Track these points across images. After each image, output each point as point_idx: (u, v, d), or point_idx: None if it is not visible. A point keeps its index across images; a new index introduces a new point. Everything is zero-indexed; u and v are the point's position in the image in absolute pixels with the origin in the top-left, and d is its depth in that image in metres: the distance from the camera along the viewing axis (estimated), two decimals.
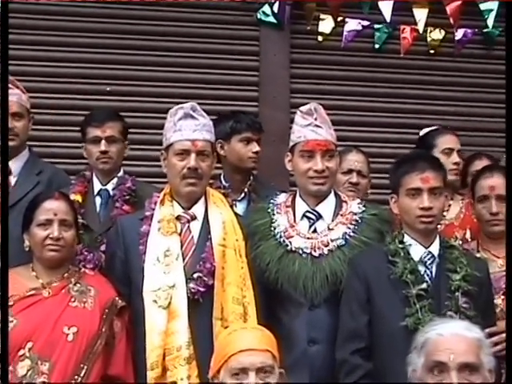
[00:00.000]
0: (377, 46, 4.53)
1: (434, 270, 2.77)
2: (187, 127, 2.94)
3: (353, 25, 4.49)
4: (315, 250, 2.92)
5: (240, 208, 3.51)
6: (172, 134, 2.96)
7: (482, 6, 4.45)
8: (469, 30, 4.55)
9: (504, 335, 2.87)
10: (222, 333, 2.52)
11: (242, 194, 3.58)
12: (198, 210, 2.98)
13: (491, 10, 4.43)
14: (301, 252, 2.92)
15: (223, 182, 3.63)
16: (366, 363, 2.71)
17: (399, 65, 4.56)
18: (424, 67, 4.60)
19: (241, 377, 2.29)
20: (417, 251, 2.79)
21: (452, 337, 2.24)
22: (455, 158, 3.60)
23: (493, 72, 4.65)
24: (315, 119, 3.00)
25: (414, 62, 4.58)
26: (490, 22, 4.46)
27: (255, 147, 3.58)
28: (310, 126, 2.99)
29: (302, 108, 3.07)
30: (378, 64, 4.55)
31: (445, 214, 3.56)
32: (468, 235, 3.40)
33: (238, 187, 3.59)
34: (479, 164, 3.70)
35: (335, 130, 3.17)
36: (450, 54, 4.60)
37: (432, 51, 4.58)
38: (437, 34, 4.55)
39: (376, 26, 4.51)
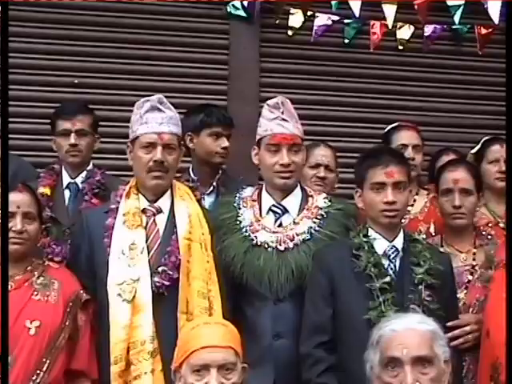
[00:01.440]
0: (346, 41, 4.54)
1: (397, 263, 2.79)
2: (153, 120, 2.93)
3: (323, 19, 4.48)
4: (281, 244, 2.92)
5: (208, 201, 3.51)
6: (138, 127, 2.95)
7: (450, 3, 4.46)
8: (438, 26, 4.56)
9: (467, 328, 2.92)
10: (185, 327, 2.51)
11: (211, 188, 3.57)
12: (163, 203, 2.97)
13: (459, 7, 4.45)
14: (266, 246, 2.93)
15: (192, 175, 3.62)
16: (330, 356, 2.72)
17: (368, 60, 4.57)
18: (393, 62, 4.62)
19: (202, 373, 2.27)
20: (381, 245, 2.80)
21: (405, 331, 2.25)
22: (409, 154, 3.62)
23: (461, 68, 4.70)
24: (282, 113, 3.00)
25: (384, 57, 4.59)
26: (457, 18, 4.48)
27: (224, 142, 3.58)
28: (277, 119, 3.00)
29: (268, 102, 3.07)
30: (347, 59, 4.56)
31: (410, 208, 3.61)
32: (432, 229, 3.43)
33: (207, 181, 3.59)
34: (446, 159, 3.73)
35: (303, 124, 3.18)
36: (419, 50, 4.61)
37: (401, 47, 4.59)
38: (406, 30, 4.56)
39: (346, 21, 4.51)
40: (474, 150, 3.84)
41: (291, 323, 2.86)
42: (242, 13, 4.41)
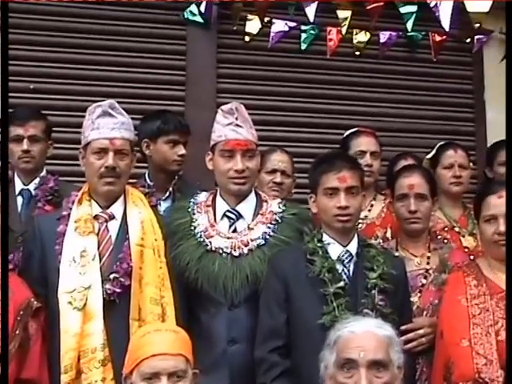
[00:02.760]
0: (303, 47, 4.54)
1: (351, 268, 2.80)
2: (105, 125, 2.91)
3: (280, 26, 4.48)
4: (235, 250, 2.91)
5: (164, 207, 3.49)
6: (90, 133, 2.92)
7: (402, 10, 4.51)
8: (393, 33, 4.59)
9: (420, 331, 2.94)
10: (136, 334, 2.48)
11: (167, 193, 3.56)
12: (116, 209, 2.95)
13: (411, 14, 4.49)
14: (221, 252, 2.92)
15: (148, 180, 3.60)
16: (284, 361, 2.72)
17: (325, 66, 4.58)
18: (350, 68, 4.63)
19: (153, 381, 2.26)
20: (335, 250, 2.81)
21: (363, 334, 2.27)
22: (367, 160, 3.66)
23: (416, 74, 4.73)
24: (236, 119, 3.00)
25: (340, 64, 4.61)
26: (409, 25, 4.52)
27: (181, 150, 3.56)
28: (231, 125, 2.99)
29: (223, 107, 3.07)
30: (304, 65, 4.56)
31: (367, 213, 3.64)
32: (389, 234, 3.46)
33: (163, 186, 3.57)
34: (404, 164, 3.76)
35: (260, 130, 3.19)
36: (375, 56, 4.64)
37: (358, 53, 4.61)
38: (362, 36, 4.58)
39: (303, 28, 4.51)
40: (429, 156, 3.89)
41: (246, 329, 2.85)
42: (199, 19, 4.39)
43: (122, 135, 2.92)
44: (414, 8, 4.50)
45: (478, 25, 4.70)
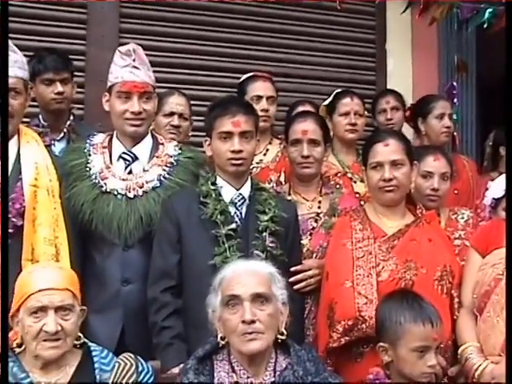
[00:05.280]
0: None
1: (243, 211, 2.87)
2: None
3: None
4: (130, 192, 2.94)
5: (59, 148, 3.48)
6: None
7: None
8: None
9: (309, 272, 3.03)
10: (23, 272, 2.49)
11: (61, 134, 3.53)
12: (9, 149, 2.90)
13: None
14: (115, 193, 2.94)
15: (42, 121, 3.56)
16: (176, 300, 2.78)
17: (229, 9, 4.58)
18: (253, 13, 4.64)
19: (40, 315, 2.29)
20: (228, 193, 2.87)
21: (245, 271, 2.36)
22: (263, 105, 3.72)
23: (320, 22, 4.79)
24: (133, 60, 2.98)
25: (244, 7, 4.61)
26: None
27: (57, 88, 3.53)
28: (128, 67, 2.98)
29: (120, 48, 3.05)
30: (209, 7, 4.53)
31: (262, 157, 3.71)
32: (282, 178, 3.51)
33: (57, 127, 3.55)
34: (302, 110, 3.82)
35: (158, 72, 3.16)
36: (280, 2, 4.65)
37: None
38: None
39: None
40: (326, 103, 3.96)
41: (140, 269, 2.90)
42: None
43: (15, 74, 2.88)
44: None
45: None
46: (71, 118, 3.57)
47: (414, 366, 2.44)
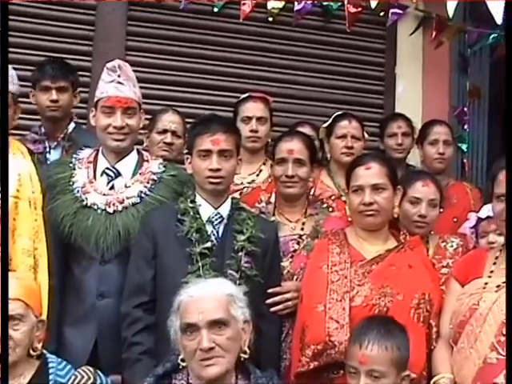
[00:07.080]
0: (216, 10, 4.55)
1: (221, 229, 2.87)
2: None
3: None
4: (110, 207, 2.96)
5: (54, 155, 3.58)
6: None
7: None
8: (308, 2, 4.61)
9: (287, 295, 2.99)
10: None
11: (56, 142, 3.63)
12: None
13: None
14: (96, 208, 2.96)
15: (42, 128, 3.68)
16: (148, 316, 2.79)
17: (237, 30, 4.60)
18: (261, 34, 4.66)
19: None
20: (206, 211, 2.87)
21: (201, 297, 2.33)
22: (252, 126, 3.71)
23: (329, 44, 4.79)
24: (118, 76, 3.02)
25: (252, 28, 4.63)
26: None
27: (52, 96, 3.60)
28: (113, 82, 3.02)
29: (107, 64, 3.08)
30: (215, 27, 4.57)
31: (254, 177, 3.71)
32: (273, 198, 3.46)
33: (54, 135, 3.65)
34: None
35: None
36: (289, 24, 4.66)
37: (271, 19, 4.63)
38: (277, 3, 4.60)
39: None
40: (325, 125, 3.94)
41: (115, 284, 2.91)
42: None
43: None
44: None
45: None
46: (71, 126, 3.64)
47: None
